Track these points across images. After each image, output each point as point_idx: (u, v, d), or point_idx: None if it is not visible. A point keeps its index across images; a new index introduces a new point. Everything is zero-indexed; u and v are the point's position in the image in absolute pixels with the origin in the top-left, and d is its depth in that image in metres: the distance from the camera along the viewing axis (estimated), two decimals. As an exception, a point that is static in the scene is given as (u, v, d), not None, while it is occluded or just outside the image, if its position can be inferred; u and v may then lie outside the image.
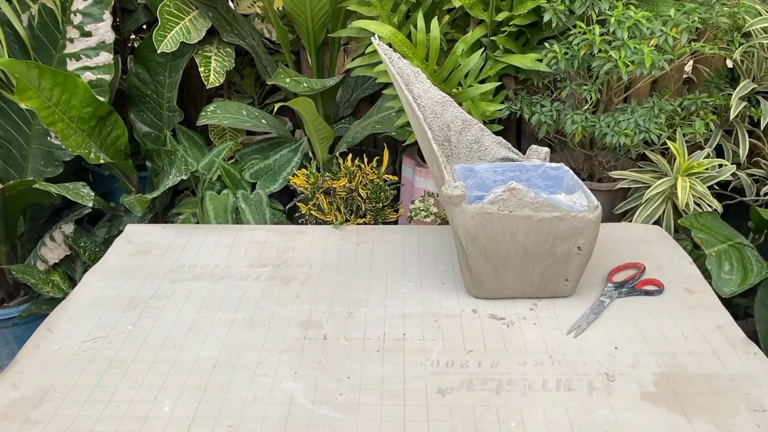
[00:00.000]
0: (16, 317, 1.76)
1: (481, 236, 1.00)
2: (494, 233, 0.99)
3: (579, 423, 0.81)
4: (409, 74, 1.09)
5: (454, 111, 1.11)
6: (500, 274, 1.03)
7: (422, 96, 1.10)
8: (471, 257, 1.02)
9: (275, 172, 1.83)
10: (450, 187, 0.99)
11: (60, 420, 0.83)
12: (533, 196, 0.95)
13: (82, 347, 0.97)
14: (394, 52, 1.08)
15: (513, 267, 1.02)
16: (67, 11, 1.78)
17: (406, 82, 1.08)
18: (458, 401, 0.85)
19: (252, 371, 0.91)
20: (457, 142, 1.14)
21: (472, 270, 1.04)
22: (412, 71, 1.09)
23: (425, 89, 1.10)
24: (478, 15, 1.62)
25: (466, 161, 1.15)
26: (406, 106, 1.05)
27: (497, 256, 1.01)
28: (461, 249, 1.04)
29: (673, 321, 1.00)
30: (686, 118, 1.62)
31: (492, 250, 1.01)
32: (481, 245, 1.01)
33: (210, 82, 1.81)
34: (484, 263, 1.03)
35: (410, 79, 1.09)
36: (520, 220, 0.97)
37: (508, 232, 0.98)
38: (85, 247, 1.78)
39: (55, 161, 1.82)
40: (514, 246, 1.00)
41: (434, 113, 1.11)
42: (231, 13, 1.97)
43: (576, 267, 1.02)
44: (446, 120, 1.12)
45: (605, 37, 1.47)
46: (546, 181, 1.11)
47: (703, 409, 0.83)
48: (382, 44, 1.06)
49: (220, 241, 1.28)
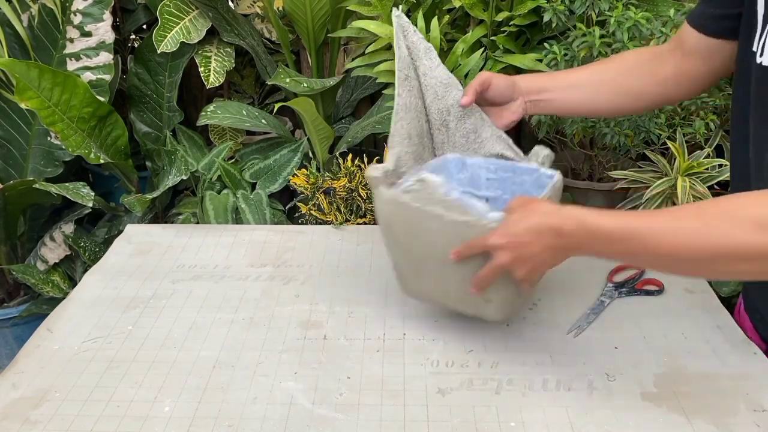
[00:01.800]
0: (16, 317, 1.76)
1: (395, 227, 0.92)
2: (409, 227, 0.90)
3: (579, 423, 0.81)
4: (420, 49, 1.00)
5: (457, 95, 1.02)
6: (420, 275, 0.94)
7: (427, 74, 1.01)
8: (390, 249, 0.96)
9: (275, 172, 1.83)
10: (373, 167, 0.92)
11: (60, 420, 0.83)
12: (443, 193, 0.85)
13: (82, 347, 0.97)
14: (411, 26, 1.00)
15: (431, 270, 0.92)
16: (67, 11, 1.78)
17: (414, 57, 1.01)
18: (458, 401, 0.85)
19: (252, 371, 0.91)
20: (455, 129, 1.05)
21: (394, 265, 0.97)
22: (424, 47, 1.01)
23: (432, 67, 1.01)
24: (478, 15, 1.62)
25: (461, 151, 1.06)
26: (401, 81, 0.98)
27: (414, 252, 0.92)
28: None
29: (673, 321, 1.00)
30: (686, 118, 1.62)
31: (407, 245, 0.92)
32: (396, 237, 0.93)
33: (210, 82, 1.81)
34: (403, 258, 0.95)
35: (419, 54, 1.01)
36: (432, 218, 0.86)
37: (421, 228, 0.88)
38: (85, 247, 1.78)
39: (55, 161, 1.82)
40: (428, 246, 0.89)
41: (436, 94, 1.02)
42: (231, 13, 1.97)
43: (497, 287, 0.86)
44: (447, 103, 1.03)
45: (605, 40, 1.47)
46: (539, 189, 0.98)
47: (703, 409, 0.83)
48: (402, 15, 0.99)
49: (220, 241, 1.28)
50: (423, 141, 1.03)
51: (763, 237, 0.65)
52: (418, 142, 1.01)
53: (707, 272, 0.84)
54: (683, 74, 0.95)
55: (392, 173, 0.95)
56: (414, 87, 1.00)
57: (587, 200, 1.81)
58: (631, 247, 0.72)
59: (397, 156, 0.96)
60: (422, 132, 1.03)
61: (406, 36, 0.99)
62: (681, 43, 0.95)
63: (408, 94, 0.98)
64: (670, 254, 0.70)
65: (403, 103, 0.97)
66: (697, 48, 0.92)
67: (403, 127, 0.97)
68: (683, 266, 0.73)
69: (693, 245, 0.68)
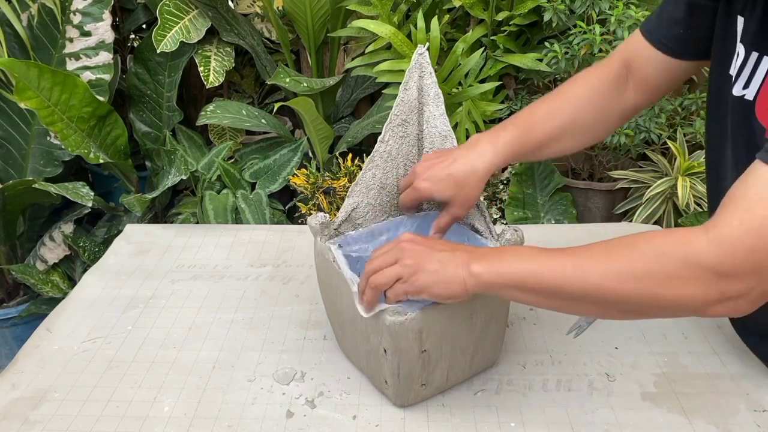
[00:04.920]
0: (15, 317, 1.76)
1: (322, 281, 0.88)
2: (330, 283, 0.85)
3: (579, 423, 0.81)
4: (430, 94, 0.91)
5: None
6: (343, 333, 0.89)
7: (430, 122, 0.93)
8: (321, 295, 0.92)
9: (275, 172, 1.83)
10: (314, 216, 0.86)
11: (60, 420, 0.83)
12: (341, 261, 0.81)
13: (82, 347, 0.97)
14: (430, 67, 0.90)
15: (348, 331, 0.87)
16: (66, 11, 1.78)
17: (422, 102, 0.92)
18: (458, 401, 0.85)
19: (252, 371, 0.91)
20: None
21: (326, 310, 0.93)
22: (435, 92, 0.91)
23: (436, 115, 0.92)
24: (478, 14, 1.62)
25: (439, 209, 0.95)
26: (394, 125, 0.89)
27: (336, 310, 0.87)
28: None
29: (673, 321, 1.00)
30: (686, 118, 1.62)
31: (331, 301, 0.87)
32: (324, 291, 0.89)
33: (210, 82, 1.81)
34: (331, 313, 0.91)
35: (428, 100, 0.92)
36: (343, 283, 0.80)
37: (337, 289, 0.83)
38: (85, 247, 1.78)
39: (55, 161, 1.82)
40: (342, 309, 0.84)
41: (433, 144, 0.94)
42: (231, 13, 1.97)
43: (389, 373, 0.79)
44: None
45: (605, 37, 1.47)
46: None
47: (703, 409, 0.83)
48: (425, 54, 0.90)
49: (220, 241, 1.28)
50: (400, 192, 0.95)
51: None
52: (392, 192, 0.94)
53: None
54: (630, 108, 0.92)
55: (347, 223, 0.90)
56: (410, 134, 0.92)
57: (587, 200, 1.81)
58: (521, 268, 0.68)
59: (352, 207, 0.89)
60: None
61: (422, 77, 0.91)
62: (633, 61, 0.89)
63: (397, 142, 0.90)
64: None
65: (386, 150, 0.89)
66: (648, 65, 0.88)
67: (374, 176, 0.90)
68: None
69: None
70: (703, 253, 0.61)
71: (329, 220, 0.87)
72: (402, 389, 0.81)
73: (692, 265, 0.61)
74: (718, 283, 0.61)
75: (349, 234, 0.90)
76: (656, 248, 0.64)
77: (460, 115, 1.62)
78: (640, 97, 0.91)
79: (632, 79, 0.91)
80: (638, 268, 0.63)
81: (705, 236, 0.61)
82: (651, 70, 0.88)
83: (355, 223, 0.91)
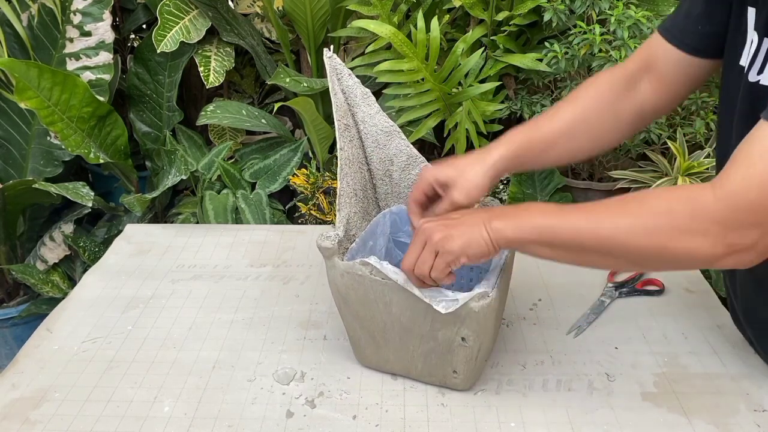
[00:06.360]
0: (15, 317, 1.76)
1: (353, 299, 0.84)
2: (367, 298, 0.83)
3: (579, 423, 0.81)
4: (356, 94, 0.93)
5: (400, 144, 0.95)
6: (380, 347, 0.88)
7: (366, 121, 0.94)
8: (345, 319, 0.90)
9: (275, 172, 1.83)
10: (323, 237, 0.84)
11: (60, 420, 0.83)
12: (389, 270, 0.79)
13: (82, 347, 0.97)
14: (345, 68, 0.92)
15: (392, 341, 0.86)
16: (66, 11, 1.78)
17: (351, 104, 0.93)
18: (458, 401, 0.85)
19: (252, 371, 0.91)
20: (399, 180, 0.98)
21: (350, 334, 0.91)
22: (361, 92, 0.93)
23: (371, 114, 0.93)
24: (478, 14, 1.62)
25: (405, 202, 0.97)
26: (341, 131, 0.90)
27: (373, 324, 0.86)
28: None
29: (673, 321, 1.00)
30: (686, 118, 1.62)
31: (367, 316, 0.85)
32: (355, 309, 0.86)
33: (210, 82, 1.81)
34: (360, 329, 0.88)
35: (356, 101, 0.93)
36: (394, 290, 0.80)
37: (381, 300, 0.82)
38: (85, 247, 1.78)
39: (55, 161, 1.82)
40: (390, 318, 0.83)
41: (377, 143, 0.95)
42: (231, 13, 1.97)
43: (464, 360, 0.83)
44: (390, 153, 0.96)
45: (605, 37, 1.47)
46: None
47: (703, 409, 0.83)
48: (334, 57, 0.91)
49: (220, 241, 1.28)
50: (367, 194, 0.97)
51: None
52: (363, 196, 0.95)
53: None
54: (648, 109, 0.91)
55: (345, 239, 0.89)
56: (354, 137, 0.93)
57: (587, 199, 1.81)
58: (546, 221, 0.72)
59: (346, 219, 0.89)
60: (366, 184, 0.97)
61: (340, 80, 0.92)
62: (650, 61, 0.90)
63: (349, 145, 0.91)
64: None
65: (346, 156, 0.90)
66: (666, 64, 0.88)
67: (349, 184, 0.90)
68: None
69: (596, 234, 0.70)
70: (710, 208, 0.65)
71: (339, 237, 0.86)
72: (475, 371, 0.86)
73: (700, 219, 0.65)
74: (725, 236, 0.64)
75: (351, 248, 0.89)
76: (665, 203, 0.68)
77: (460, 115, 1.61)
78: (657, 97, 0.91)
79: (650, 79, 0.91)
80: (648, 222, 0.67)
81: (711, 191, 0.65)
82: (668, 69, 0.89)
83: (350, 236, 0.91)
